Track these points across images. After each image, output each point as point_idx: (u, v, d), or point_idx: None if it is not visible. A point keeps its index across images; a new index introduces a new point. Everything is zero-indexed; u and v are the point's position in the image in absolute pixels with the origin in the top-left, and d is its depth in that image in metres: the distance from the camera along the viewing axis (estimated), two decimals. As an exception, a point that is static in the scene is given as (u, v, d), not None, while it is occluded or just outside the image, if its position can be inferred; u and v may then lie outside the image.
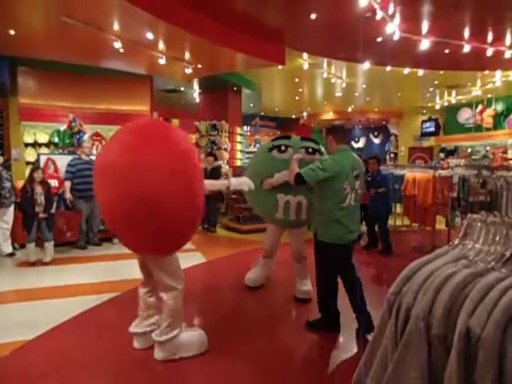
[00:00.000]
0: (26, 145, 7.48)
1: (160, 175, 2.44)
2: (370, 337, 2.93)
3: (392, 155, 16.43)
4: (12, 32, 5.86)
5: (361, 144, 21.03)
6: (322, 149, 3.87)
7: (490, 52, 7.49)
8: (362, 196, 3.37)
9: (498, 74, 9.75)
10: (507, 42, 7.30)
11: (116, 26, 5.72)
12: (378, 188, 6.03)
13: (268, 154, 3.83)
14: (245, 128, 11.66)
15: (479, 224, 1.49)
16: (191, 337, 2.93)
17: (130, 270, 5.09)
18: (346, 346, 3.14)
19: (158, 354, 2.79)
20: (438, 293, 1.28)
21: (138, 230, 2.54)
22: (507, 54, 7.63)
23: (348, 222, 3.11)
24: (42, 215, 5.28)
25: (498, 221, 1.44)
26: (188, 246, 6.82)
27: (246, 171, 4.20)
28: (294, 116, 17.76)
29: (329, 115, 16.61)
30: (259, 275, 4.37)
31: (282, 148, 3.76)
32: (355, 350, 3.02)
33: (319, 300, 3.35)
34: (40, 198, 5.31)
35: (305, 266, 4.11)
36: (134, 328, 2.97)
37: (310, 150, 3.74)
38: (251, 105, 13.38)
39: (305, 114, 16.86)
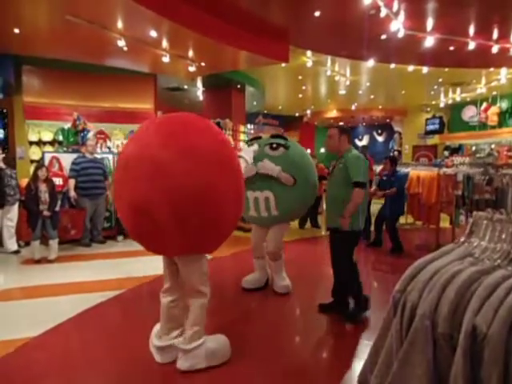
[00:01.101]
0: (31, 143, 7.51)
1: (210, 165, 2.33)
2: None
3: (396, 153, 16.37)
4: (16, 31, 5.88)
5: (364, 142, 20.97)
6: (289, 143, 4.05)
7: (495, 49, 7.42)
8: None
9: (503, 71, 9.67)
10: (513, 39, 7.25)
11: (120, 24, 5.72)
12: (391, 188, 6.04)
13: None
14: (248, 126, 11.64)
15: (485, 222, 1.48)
16: (217, 344, 2.72)
17: (135, 267, 5.13)
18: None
19: (184, 364, 2.58)
20: (444, 291, 1.27)
21: (183, 227, 2.32)
22: (512, 51, 7.58)
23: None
24: (46, 213, 5.30)
25: (504, 218, 1.43)
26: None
27: None
28: (297, 114, 17.72)
29: (332, 113, 16.55)
30: (255, 277, 4.33)
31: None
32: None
33: (339, 287, 3.58)
34: (44, 195, 5.33)
35: (280, 263, 4.20)
36: (156, 341, 2.73)
37: (274, 145, 3.95)
38: (255, 103, 13.35)
39: (308, 111, 16.82)
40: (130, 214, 2.44)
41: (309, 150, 16.40)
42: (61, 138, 7.45)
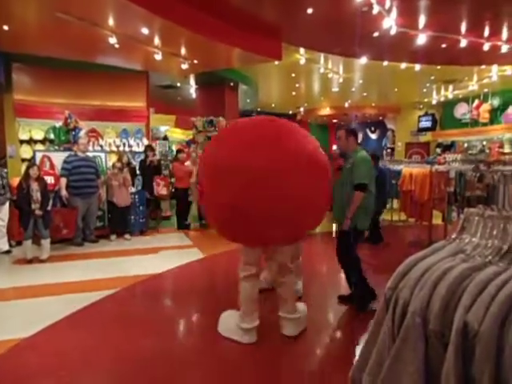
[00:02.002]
0: (22, 142, 7.43)
1: (320, 170, 2.81)
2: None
3: (389, 150, 16.44)
4: (6, 28, 5.80)
5: (358, 139, 21.04)
6: None
7: (486, 47, 7.47)
8: None
9: (495, 68, 9.74)
10: (503, 36, 7.29)
11: (111, 22, 5.66)
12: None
13: None
14: (242, 124, 11.60)
15: (476, 218, 1.48)
16: (304, 310, 3.26)
17: (128, 266, 5.10)
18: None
19: (295, 330, 3.08)
20: (435, 288, 1.27)
21: (286, 228, 2.76)
22: (503, 49, 7.62)
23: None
24: (38, 212, 5.25)
25: (495, 214, 1.43)
26: (185, 242, 6.82)
27: None
28: (290, 112, 17.71)
29: (326, 111, 16.57)
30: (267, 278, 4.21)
31: None
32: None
33: (359, 284, 3.70)
34: (36, 194, 5.27)
35: (298, 266, 4.06)
36: (246, 324, 2.99)
37: None
38: (248, 100, 13.33)
39: (301, 109, 16.82)
40: (262, 215, 2.69)
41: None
42: (52, 136, 7.38)
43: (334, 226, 6.98)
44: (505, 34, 7.20)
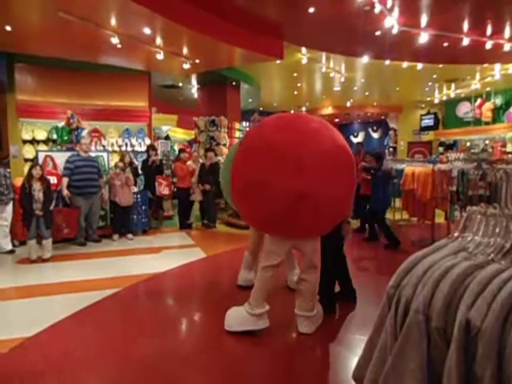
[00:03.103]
0: (24, 142, 7.46)
1: (349, 174, 2.96)
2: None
3: (391, 149, 16.40)
4: (8, 28, 5.83)
5: (360, 138, 21.01)
6: None
7: (489, 45, 7.45)
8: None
9: (497, 67, 9.70)
10: (506, 34, 7.27)
11: (113, 22, 5.68)
12: (379, 184, 6.10)
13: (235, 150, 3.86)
14: (244, 123, 11.63)
15: (479, 216, 1.49)
16: (320, 309, 3.31)
17: (130, 266, 5.12)
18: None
19: (311, 328, 3.14)
20: (438, 285, 1.28)
21: (322, 222, 2.91)
22: (506, 47, 7.59)
23: None
24: (37, 212, 5.26)
25: (497, 213, 1.43)
26: (188, 241, 6.83)
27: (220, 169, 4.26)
28: (292, 111, 17.71)
29: (328, 110, 16.56)
30: (250, 275, 4.22)
31: None
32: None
33: (325, 284, 3.54)
34: (38, 194, 5.29)
35: (293, 258, 4.24)
36: (257, 310, 3.05)
37: None
38: (250, 100, 13.34)
39: (303, 108, 16.81)
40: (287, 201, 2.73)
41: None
42: (55, 136, 7.41)
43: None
44: (507, 33, 7.17)
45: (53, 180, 6.15)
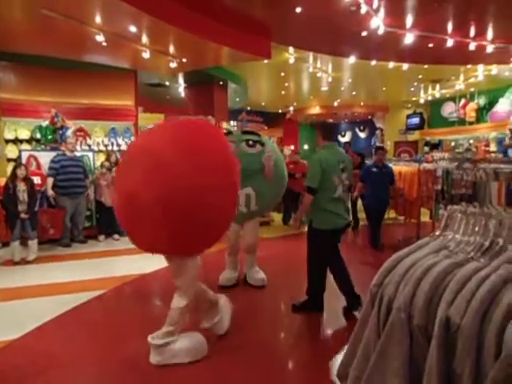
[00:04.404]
0: (7, 141, 7.31)
1: (209, 170, 2.47)
2: (357, 314, 3.39)
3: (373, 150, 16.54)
4: (-10, 25, 5.71)
5: (347, 138, 21.16)
6: (263, 140, 4.04)
7: (472, 46, 7.58)
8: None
9: (481, 68, 9.89)
10: (488, 36, 7.41)
11: (98, 19, 5.60)
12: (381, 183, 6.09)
13: None
14: (231, 123, 11.61)
15: (459, 215, 1.52)
16: (190, 342, 2.75)
17: (116, 266, 5.07)
18: (334, 325, 3.18)
19: (154, 358, 2.67)
20: (419, 284, 1.30)
21: (173, 226, 2.39)
22: (489, 49, 7.74)
23: (340, 211, 3.47)
24: (23, 216, 5.18)
25: (477, 211, 1.46)
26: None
27: None
28: (280, 111, 17.74)
29: (315, 110, 16.64)
30: (232, 275, 4.28)
31: None
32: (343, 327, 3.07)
33: (310, 283, 3.56)
34: (23, 195, 5.20)
35: (256, 257, 4.31)
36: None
37: (251, 142, 3.90)
38: (237, 99, 13.32)
39: (291, 108, 16.86)
40: (122, 203, 2.54)
41: (292, 147, 16.38)
42: (38, 135, 7.27)
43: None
44: (490, 34, 7.32)
45: (36, 180, 6.04)
